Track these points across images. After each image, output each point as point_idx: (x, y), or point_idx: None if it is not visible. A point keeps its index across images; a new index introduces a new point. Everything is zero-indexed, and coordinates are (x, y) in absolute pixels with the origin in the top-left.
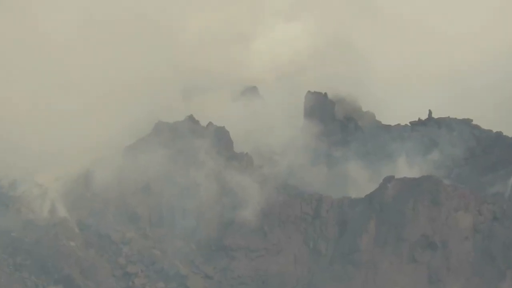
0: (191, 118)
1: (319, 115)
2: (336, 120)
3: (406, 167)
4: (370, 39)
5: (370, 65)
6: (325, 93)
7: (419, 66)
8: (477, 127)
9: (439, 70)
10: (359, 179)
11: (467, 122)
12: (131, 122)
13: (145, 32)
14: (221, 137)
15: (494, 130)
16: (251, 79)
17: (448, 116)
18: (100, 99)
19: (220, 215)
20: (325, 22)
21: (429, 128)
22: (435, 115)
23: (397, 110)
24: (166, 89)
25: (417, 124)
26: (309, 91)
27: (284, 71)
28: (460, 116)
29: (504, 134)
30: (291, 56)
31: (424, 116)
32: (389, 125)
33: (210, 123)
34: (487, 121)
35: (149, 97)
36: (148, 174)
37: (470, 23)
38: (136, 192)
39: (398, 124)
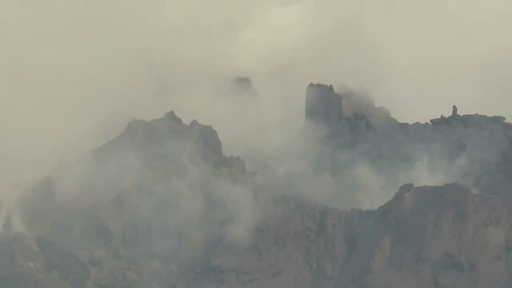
0: (171, 116)
1: (323, 112)
2: (343, 118)
3: (426, 174)
4: (382, 24)
5: (383, 54)
6: (330, 86)
7: (441, 55)
8: (510, 126)
9: (465, 60)
10: (371, 188)
11: (498, 120)
12: (99, 121)
13: (116, 17)
14: (207, 138)
15: None
16: (241, 72)
17: (476, 113)
18: (63, 94)
19: (207, 231)
20: (329, 4)
21: (453, 128)
22: (460, 112)
23: (416, 106)
24: (141, 82)
25: (440, 123)
26: (311, 84)
27: (280, 63)
28: (490, 113)
29: None
30: (288, 46)
31: (447, 114)
32: (407, 124)
33: (194, 122)
34: None
35: (121, 92)
36: (121, 183)
37: (501, 5)
38: (106, 204)
39: (417, 123)
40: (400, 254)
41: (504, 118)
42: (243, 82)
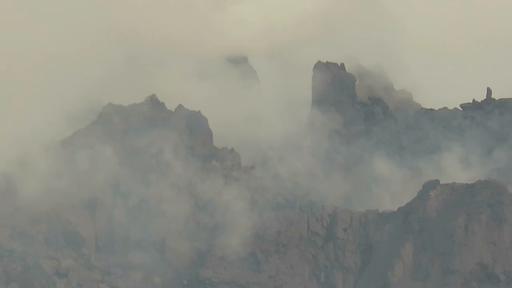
0: (153, 100)
1: (333, 96)
2: (356, 103)
3: (456, 169)
4: None
5: (403, 26)
6: (342, 65)
7: (473, 28)
8: None
9: (501, 33)
10: (390, 186)
11: None
12: (67, 106)
13: None
14: (195, 127)
15: None
16: (236, 50)
17: None
18: (23, 75)
19: (195, 237)
20: None
21: (488, 114)
22: (496, 95)
23: (443, 88)
24: (117, 60)
25: (472, 108)
26: (318, 62)
27: (281, 38)
28: None
29: None
30: (291, 19)
31: (480, 97)
32: (432, 110)
33: (180, 107)
34: None
35: (93, 72)
36: (93, 181)
37: None
38: (76, 206)
39: (445, 108)
40: (424, 265)
41: None
42: (238, 61)
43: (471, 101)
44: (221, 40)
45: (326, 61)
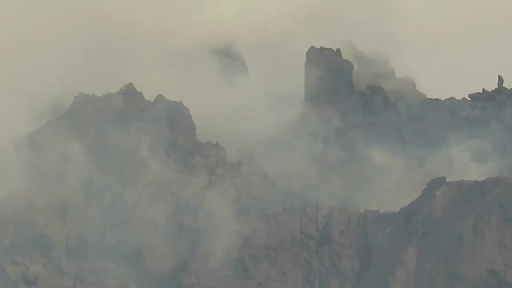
0: (129, 89)
1: (328, 85)
2: (354, 93)
3: (464, 165)
4: None
5: (406, 9)
6: (338, 50)
7: (482, 11)
8: None
9: None
10: (391, 183)
11: None
12: (33, 97)
13: None
14: (176, 119)
15: None
16: (222, 38)
17: None
18: None
19: (177, 241)
20: None
21: (499, 104)
22: (507, 85)
23: (450, 77)
24: (87, 48)
25: (481, 98)
26: (312, 48)
27: (272, 26)
28: None
29: None
30: (283, 4)
31: (491, 86)
32: (438, 100)
33: (159, 97)
34: None
35: (64, 59)
36: (63, 180)
37: None
38: (45, 208)
39: (452, 98)
40: (428, 270)
41: None
42: (225, 50)
43: (480, 91)
44: (206, 28)
45: (320, 47)
